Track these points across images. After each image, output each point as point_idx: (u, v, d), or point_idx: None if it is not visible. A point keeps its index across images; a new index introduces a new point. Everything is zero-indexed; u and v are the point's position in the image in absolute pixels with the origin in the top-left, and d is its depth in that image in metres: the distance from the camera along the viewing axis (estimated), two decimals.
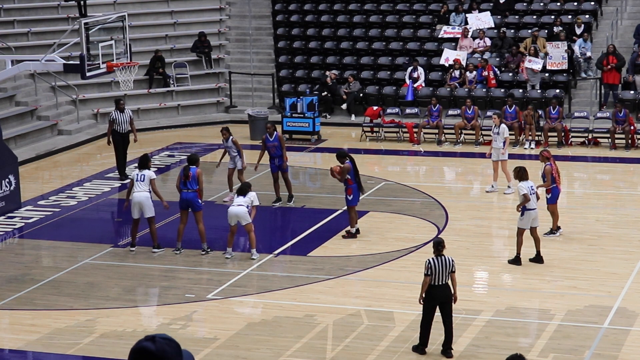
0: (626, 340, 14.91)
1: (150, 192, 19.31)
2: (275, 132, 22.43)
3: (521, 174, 18.27)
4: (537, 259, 18.36)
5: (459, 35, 32.51)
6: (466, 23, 32.87)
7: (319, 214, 21.80)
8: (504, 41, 31.96)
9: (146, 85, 33.03)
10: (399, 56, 33.08)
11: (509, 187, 22.93)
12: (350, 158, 20.08)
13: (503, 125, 23.04)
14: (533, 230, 18.35)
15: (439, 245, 14.39)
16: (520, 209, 18.13)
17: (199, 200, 19.36)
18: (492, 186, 23.23)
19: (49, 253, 20.17)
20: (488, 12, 32.96)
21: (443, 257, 14.30)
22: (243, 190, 18.92)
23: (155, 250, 19.51)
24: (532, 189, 18.21)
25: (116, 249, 19.91)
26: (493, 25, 32.72)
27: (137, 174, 19.36)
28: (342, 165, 20.06)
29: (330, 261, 18.89)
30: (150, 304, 17.21)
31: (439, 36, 32.93)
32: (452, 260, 14.35)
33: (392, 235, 20.20)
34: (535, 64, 30.16)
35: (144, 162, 19.58)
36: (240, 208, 18.71)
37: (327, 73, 32.27)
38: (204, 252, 19.34)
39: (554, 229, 19.92)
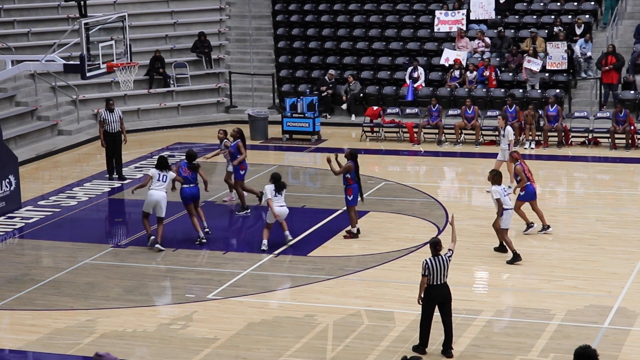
0: (626, 340, 14.92)
1: (166, 192, 19.67)
2: (237, 140, 21.98)
3: (496, 178, 18.69)
4: (501, 248, 18.87)
5: (455, 27, 32.44)
6: (468, 9, 32.74)
7: (319, 214, 21.80)
8: (503, 40, 31.95)
9: (146, 86, 33.04)
10: (399, 56, 33.09)
11: (509, 187, 22.96)
12: (355, 159, 20.02)
13: (508, 128, 23.09)
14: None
15: (436, 245, 14.39)
16: (500, 220, 18.53)
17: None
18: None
19: (49, 253, 20.18)
20: (492, 1, 32.74)
21: (440, 257, 14.32)
22: (282, 188, 19.36)
23: (159, 246, 19.53)
24: (505, 191, 18.67)
25: (116, 249, 19.92)
26: (494, 17, 32.65)
27: (160, 174, 19.58)
28: (340, 163, 20.09)
29: (330, 261, 18.90)
30: (150, 304, 17.20)
31: (435, 24, 32.89)
32: (447, 257, 14.36)
33: (392, 235, 20.21)
34: (534, 65, 30.13)
35: (164, 163, 19.76)
36: (285, 209, 19.39)
37: (329, 72, 32.27)
38: (199, 240, 19.84)
39: (544, 225, 20.10)
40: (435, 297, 14.28)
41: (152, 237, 19.66)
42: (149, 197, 19.55)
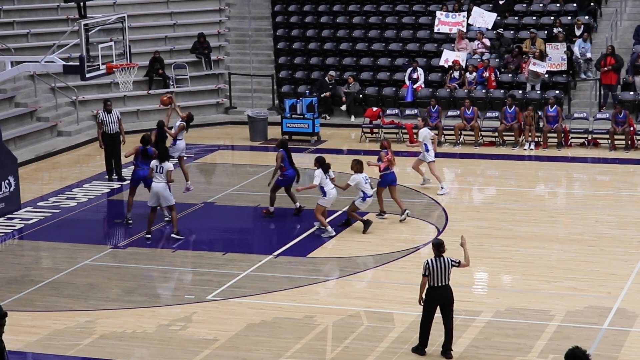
0: (626, 341, 14.93)
1: (167, 182, 20.20)
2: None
3: (357, 167, 20.28)
4: (347, 223, 20.69)
5: (455, 28, 32.42)
6: (469, 16, 32.70)
7: None
8: (501, 41, 31.92)
9: (146, 87, 33.02)
10: (398, 57, 33.08)
11: (442, 187, 23.17)
12: (285, 147, 21.50)
13: (422, 129, 23.45)
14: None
15: (439, 247, 14.35)
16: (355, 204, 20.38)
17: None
18: (443, 187, 23.45)
19: (49, 254, 20.18)
20: (494, 15, 32.71)
21: (442, 259, 14.29)
22: (329, 168, 20.53)
23: (175, 236, 20.25)
24: (366, 179, 20.29)
25: (115, 250, 19.92)
26: (490, 27, 32.66)
27: (157, 166, 20.15)
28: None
29: (330, 262, 18.91)
30: (149, 305, 17.19)
31: (435, 24, 32.88)
32: (451, 260, 14.33)
33: (391, 236, 20.21)
34: (540, 67, 30.01)
35: (164, 155, 20.33)
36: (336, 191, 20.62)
37: (329, 73, 32.26)
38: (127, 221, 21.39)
39: (381, 211, 21.22)
40: (437, 298, 14.26)
41: (181, 237, 20.35)
42: (151, 191, 20.20)
